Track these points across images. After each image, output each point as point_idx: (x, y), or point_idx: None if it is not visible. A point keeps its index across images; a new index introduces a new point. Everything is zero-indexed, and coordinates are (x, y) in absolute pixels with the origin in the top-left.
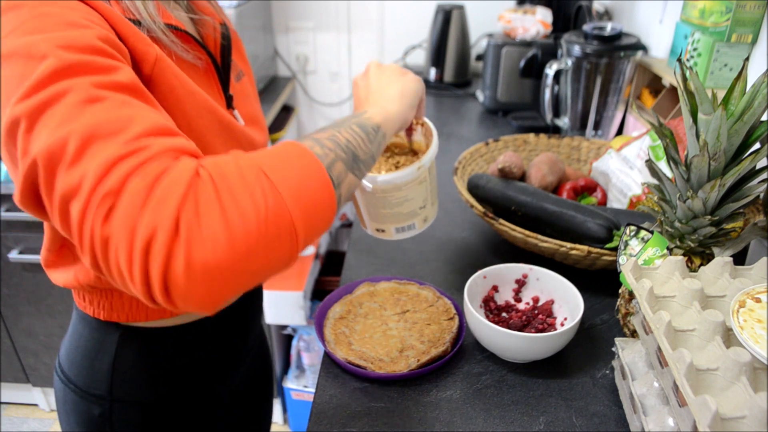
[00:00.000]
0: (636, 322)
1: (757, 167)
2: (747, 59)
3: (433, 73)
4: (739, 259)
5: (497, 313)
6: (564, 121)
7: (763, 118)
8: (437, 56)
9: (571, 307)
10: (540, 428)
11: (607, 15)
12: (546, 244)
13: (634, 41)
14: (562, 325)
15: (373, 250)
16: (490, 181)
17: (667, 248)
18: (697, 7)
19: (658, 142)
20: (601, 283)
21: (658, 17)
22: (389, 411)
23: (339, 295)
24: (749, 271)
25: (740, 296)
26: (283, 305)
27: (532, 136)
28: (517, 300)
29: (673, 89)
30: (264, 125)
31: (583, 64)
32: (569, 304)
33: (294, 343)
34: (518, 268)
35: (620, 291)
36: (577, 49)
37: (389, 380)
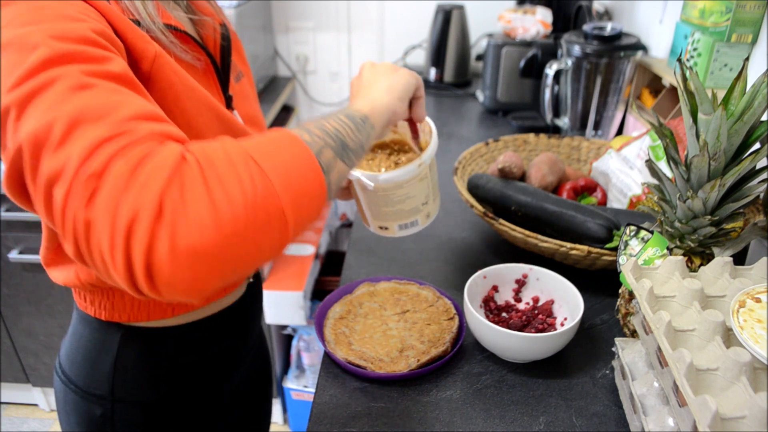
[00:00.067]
0: (636, 322)
1: (757, 167)
2: (747, 59)
3: (433, 73)
4: (739, 259)
5: (497, 313)
6: (564, 121)
7: (763, 118)
8: (437, 56)
9: (571, 307)
10: (540, 428)
11: (607, 15)
12: (546, 244)
13: (634, 41)
14: (562, 325)
15: (373, 250)
16: (490, 181)
17: (667, 248)
18: (697, 7)
19: (658, 142)
20: (601, 283)
21: (658, 17)
22: (389, 411)
23: (339, 295)
24: (749, 271)
25: (740, 296)
26: (283, 305)
27: (532, 136)
28: (517, 300)
29: (673, 89)
30: (264, 126)
31: (583, 64)
32: (569, 304)
33: (294, 343)
34: (518, 268)
35: (620, 291)
36: (577, 49)
37: (389, 380)
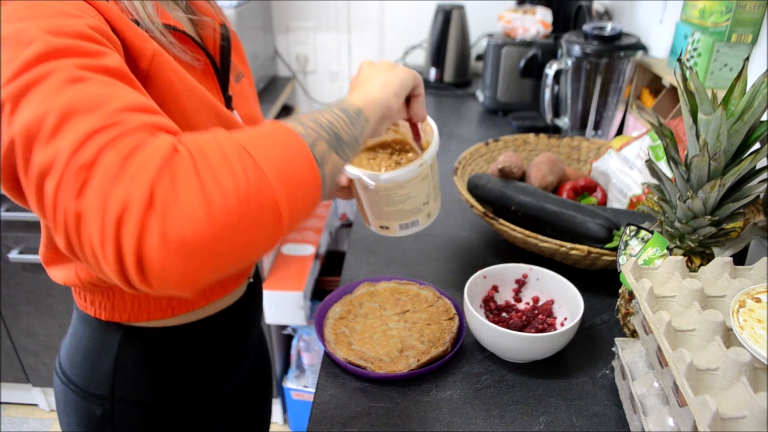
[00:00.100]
0: (636, 322)
1: (757, 167)
2: (747, 59)
3: (433, 73)
4: (739, 259)
5: (497, 313)
6: (564, 121)
7: (763, 118)
8: (437, 56)
9: (571, 307)
10: (540, 428)
11: (607, 15)
12: (546, 244)
13: (634, 41)
14: (562, 325)
15: (373, 250)
16: (490, 181)
17: (667, 248)
18: (697, 7)
19: (658, 142)
20: (601, 283)
21: (658, 17)
22: (389, 411)
23: (339, 295)
24: (749, 271)
25: (740, 296)
26: (283, 305)
27: (532, 136)
28: (517, 300)
29: (673, 89)
30: None
31: (583, 64)
32: (569, 304)
33: (294, 343)
34: (518, 268)
35: (620, 291)
36: (577, 49)
37: (389, 380)
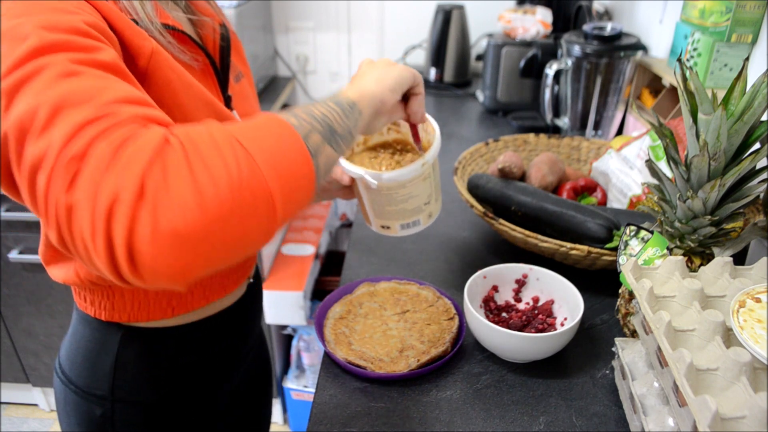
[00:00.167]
0: (636, 322)
1: (757, 167)
2: (747, 59)
3: (433, 73)
4: (739, 259)
5: (497, 313)
6: (564, 121)
7: (763, 118)
8: (437, 56)
9: (571, 307)
10: (540, 428)
11: (607, 15)
12: (546, 244)
13: (634, 41)
14: (562, 325)
15: (373, 250)
16: (490, 181)
17: (667, 248)
18: (697, 7)
19: (658, 142)
20: (601, 283)
21: (658, 17)
22: (389, 411)
23: (339, 295)
24: (749, 271)
25: (740, 296)
26: (283, 305)
27: (532, 136)
28: (517, 300)
29: (673, 89)
30: None
31: (583, 64)
32: (569, 304)
33: (294, 343)
34: (518, 268)
35: (620, 291)
36: (577, 49)
37: (389, 380)
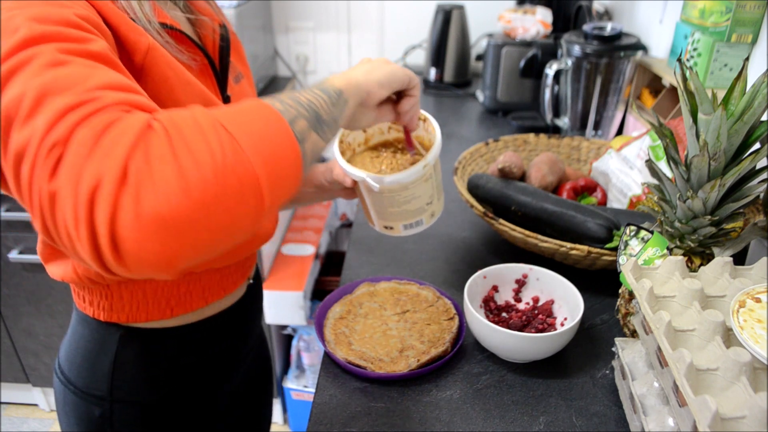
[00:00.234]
0: (636, 322)
1: (757, 167)
2: (747, 59)
3: (433, 73)
4: (739, 259)
5: (497, 313)
6: (564, 121)
7: (763, 118)
8: (437, 56)
9: (571, 307)
10: (540, 428)
11: (607, 15)
12: (546, 244)
13: (634, 41)
14: (562, 325)
15: (373, 250)
16: (490, 181)
17: (667, 248)
18: (697, 7)
19: (658, 142)
20: (601, 283)
21: (658, 17)
22: (389, 411)
23: (339, 295)
24: (749, 271)
25: (740, 296)
26: (283, 305)
27: (532, 136)
28: (517, 300)
29: (673, 89)
30: None
31: (583, 64)
32: (569, 304)
33: (294, 343)
34: (518, 268)
35: (620, 291)
36: (577, 49)
37: (389, 380)
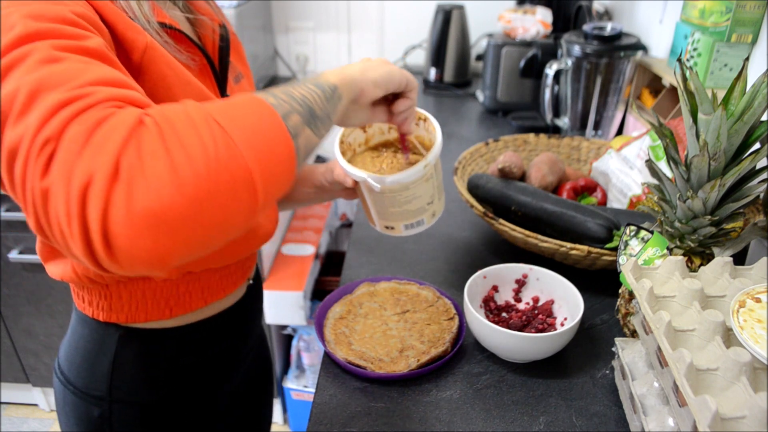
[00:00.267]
0: (636, 322)
1: (757, 167)
2: (747, 59)
3: (433, 73)
4: (739, 259)
5: (497, 313)
6: (564, 121)
7: (763, 118)
8: (437, 56)
9: (571, 307)
10: (540, 428)
11: (607, 15)
12: (546, 244)
13: (634, 41)
14: (562, 325)
15: (373, 250)
16: (490, 181)
17: (667, 248)
18: (697, 7)
19: (658, 142)
20: (601, 283)
21: (658, 17)
22: (389, 411)
23: (339, 295)
24: (749, 271)
25: (740, 296)
26: (283, 305)
27: (532, 136)
28: (517, 300)
29: (673, 89)
30: None
31: (583, 64)
32: (569, 304)
33: (294, 343)
34: (518, 268)
35: (620, 291)
36: (577, 49)
37: (389, 380)
